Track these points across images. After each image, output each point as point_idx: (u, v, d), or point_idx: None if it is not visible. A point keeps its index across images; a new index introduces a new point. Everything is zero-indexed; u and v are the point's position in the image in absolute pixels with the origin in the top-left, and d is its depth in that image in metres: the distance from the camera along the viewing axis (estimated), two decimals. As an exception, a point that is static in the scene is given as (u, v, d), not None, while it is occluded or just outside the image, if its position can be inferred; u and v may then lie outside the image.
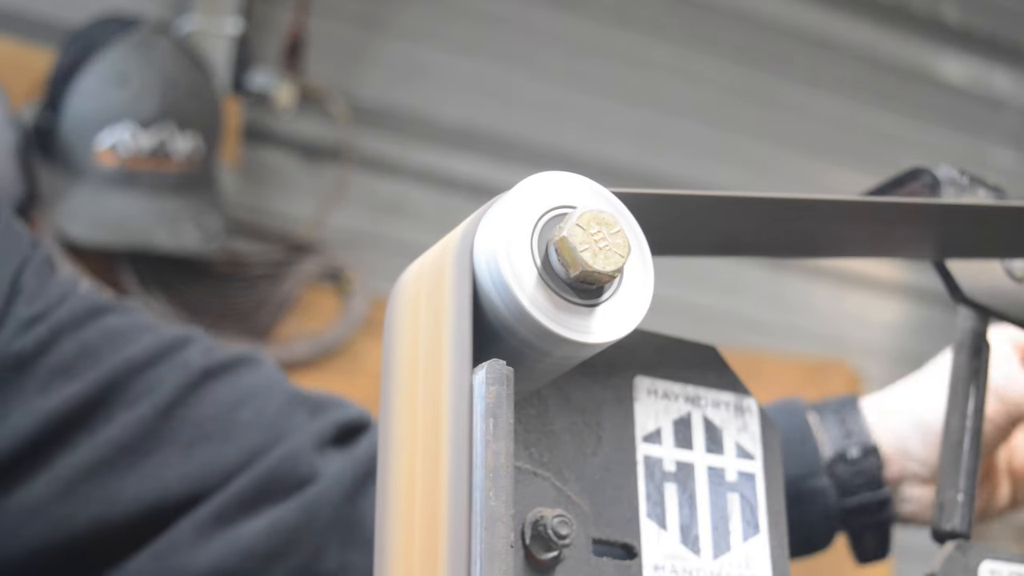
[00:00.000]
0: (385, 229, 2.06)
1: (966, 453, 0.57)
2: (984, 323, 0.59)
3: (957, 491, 0.56)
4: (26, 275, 0.72)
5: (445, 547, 0.36)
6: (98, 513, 0.69)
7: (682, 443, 0.46)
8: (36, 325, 0.70)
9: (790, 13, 2.44)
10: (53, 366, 0.70)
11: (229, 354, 0.75)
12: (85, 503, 0.68)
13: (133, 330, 0.73)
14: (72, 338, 0.71)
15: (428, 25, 2.13)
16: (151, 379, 0.71)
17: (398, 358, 0.41)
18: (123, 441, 0.69)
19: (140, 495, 0.69)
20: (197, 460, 0.71)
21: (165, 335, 0.74)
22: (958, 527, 0.55)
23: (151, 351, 0.72)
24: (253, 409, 0.73)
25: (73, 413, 0.69)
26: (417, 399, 0.39)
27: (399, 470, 0.40)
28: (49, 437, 0.69)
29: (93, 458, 0.69)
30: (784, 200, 0.47)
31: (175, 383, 0.71)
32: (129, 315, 0.75)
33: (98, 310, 0.73)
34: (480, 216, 0.39)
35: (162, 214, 1.65)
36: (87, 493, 0.69)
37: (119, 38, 1.65)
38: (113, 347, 0.72)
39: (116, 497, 0.69)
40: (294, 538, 0.70)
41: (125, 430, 0.70)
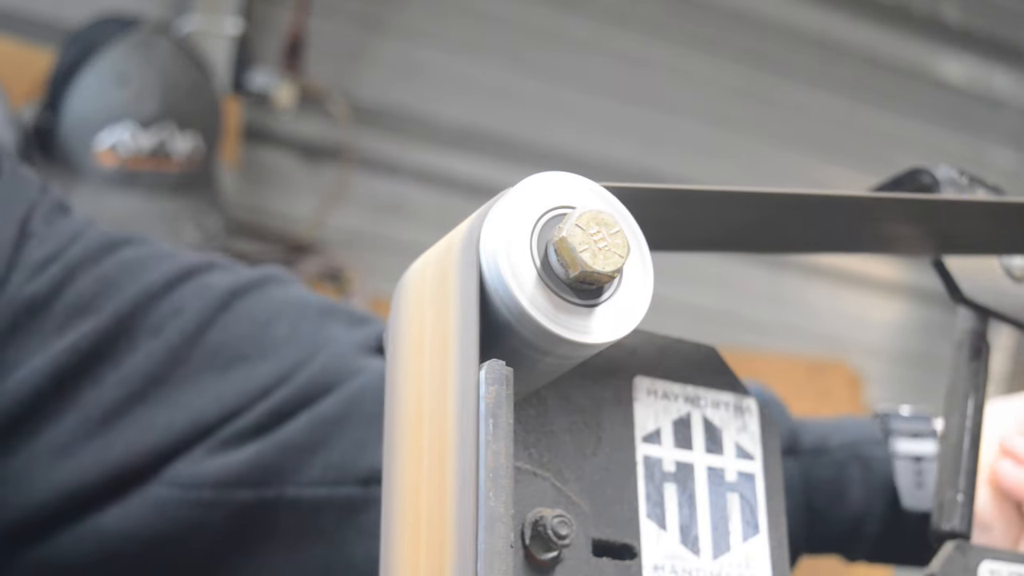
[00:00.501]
0: (385, 229, 2.06)
1: (966, 453, 0.57)
2: (984, 323, 0.59)
3: (957, 491, 0.56)
4: (35, 219, 0.69)
5: (452, 547, 0.36)
6: (132, 444, 0.66)
7: (682, 443, 0.46)
8: (49, 266, 0.67)
9: (790, 13, 2.44)
10: (70, 304, 0.67)
11: (254, 273, 0.72)
12: (118, 437, 0.66)
13: (151, 259, 0.70)
14: (88, 274, 0.68)
15: (428, 25, 2.13)
16: (174, 304, 0.68)
17: (403, 354, 0.41)
18: (151, 371, 0.66)
19: (173, 423, 0.66)
20: (233, 382, 0.67)
21: (184, 260, 0.71)
22: (957, 527, 0.55)
23: (171, 276, 0.69)
24: (287, 323, 0.70)
25: (94, 347, 0.66)
26: (423, 396, 0.39)
27: (404, 468, 0.40)
28: (71, 373, 0.66)
29: (122, 392, 0.66)
30: (783, 195, 0.47)
31: (200, 307, 0.68)
32: (146, 246, 0.72)
33: (114, 244, 0.70)
34: (486, 212, 0.39)
35: (162, 214, 1.65)
36: (120, 427, 0.66)
37: (119, 38, 1.65)
38: (131, 277, 0.69)
39: (149, 427, 0.66)
40: (335, 429, 0.67)
41: (151, 359, 0.67)
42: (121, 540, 0.66)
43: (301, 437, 0.67)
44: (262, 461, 0.66)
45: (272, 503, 0.67)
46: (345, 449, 0.67)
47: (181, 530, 0.66)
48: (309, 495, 0.67)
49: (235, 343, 0.68)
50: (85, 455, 0.65)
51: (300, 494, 0.67)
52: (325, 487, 0.67)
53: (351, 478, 0.67)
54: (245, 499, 0.66)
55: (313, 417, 0.67)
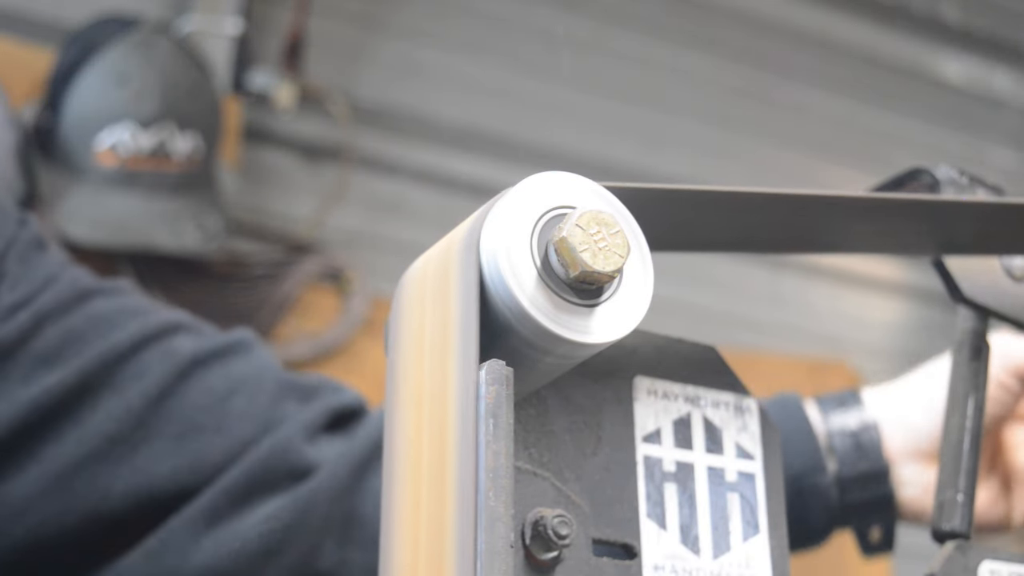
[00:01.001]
0: (385, 229, 2.06)
1: (966, 453, 0.56)
2: (984, 323, 0.59)
3: (957, 491, 0.55)
4: (10, 258, 0.69)
5: (452, 547, 0.36)
6: (89, 508, 0.67)
7: (682, 443, 0.46)
8: (18, 312, 0.68)
9: (790, 13, 2.44)
10: (36, 354, 0.68)
11: (219, 341, 0.73)
12: (76, 497, 0.67)
13: (119, 315, 0.71)
14: (56, 324, 0.69)
15: (428, 25, 2.13)
16: (139, 366, 0.69)
17: (403, 354, 0.41)
18: (112, 432, 0.67)
19: (130, 489, 0.67)
20: (188, 453, 0.69)
21: (152, 320, 0.71)
22: (958, 527, 0.55)
23: (137, 337, 0.70)
24: (244, 398, 0.71)
25: (58, 402, 0.67)
26: (423, 395, 0.39)
27: (404, 468, 0.40)
28: (34, 428, 0.67)
29: (82, 451, 0.67)
30: (783, 196, 0.47)
31: (163, 371, 0.69)
32: (117, 298, 0.72)
33: (84, 294, 0.71)
34: (486, 212, 0.39)
35: (162, 214, 1.65)
36: (78, 487, 0.67)
37: (119, 38, 1.65)
38: (98, 333, 0.69)
39: (107, 491, 0.67)
40: (289, 536, 0.68)
41: (113, 420, 0.68)
42: None
43: (256, 542, 0.68)
44: (219, 564, 0.67)
45: None
46: (299, 554, 0.68)
47: None
48: None
49: (192, 413, 0.70)
50: (45, 512, 0.66)
51: None
52: None
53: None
54: None
55: (268, 519, 0.68)
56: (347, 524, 0.69)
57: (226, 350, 0.73)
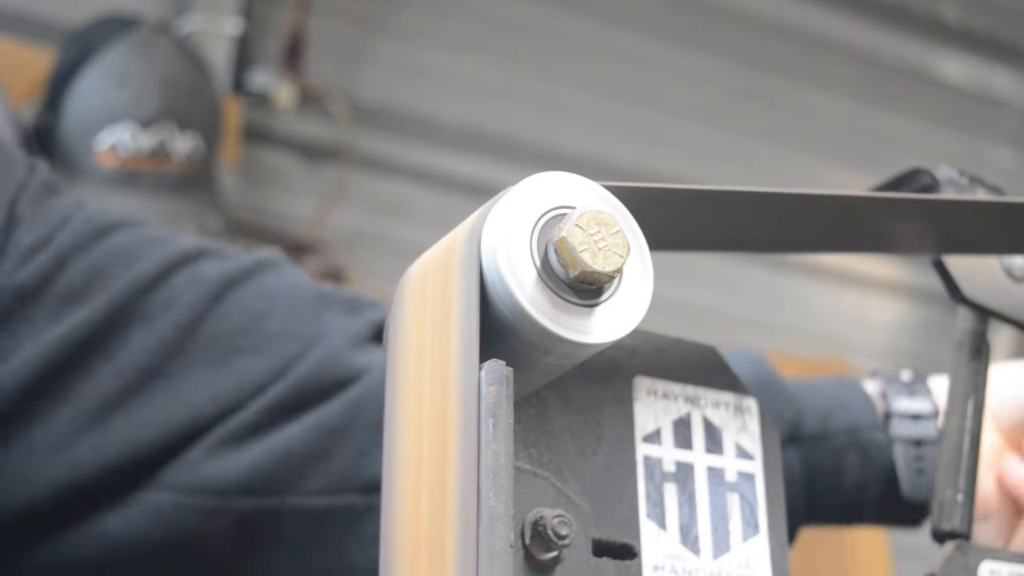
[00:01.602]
0: (385, 229, 2.06)
1: (966, 453, 0.57)
2: (984, 323, 0.59)
3: (957, 491, 0.55)
4: (23, 202, 0.67)
5: (453, 547, 0.36)
6: (128, 442, 0.65)
7: (682, 443, 0.46)
8: (38, 253, 0.66)
9: (790, 13, 2.44)
10: (60, 294, 0.65)
11: (247, 260, 0.70)
12: (114, 433, 0.64)
13: (142, 246, 0.68)
14: (78, 262, 0.66)
15: (428, 25, 2.13)
16: (166, 295, 0.67)
17: (404, 353, 0.41)
18: (145, 363, 0.65)
19: (170, 419, 0.65)
20: (228, 377, 0.66)
21: (176, 247, 0.69)
22: (958, 527, 0.55)
23: (162, 266, 0.68)
24: (281, 315, 0.68)
25: (86, 338, 0.65)
26: (423, 394, 0.39)
27: (405, 468, 0.40)
28: (64, 365, 0.64)
29: (117, 386, 0.65)
30: (783, 195, 0.47)
31: (193, 298, 0.67)
32: (137, 230, 0.70)
33: (104, 230, 0.69)
34: (487, 212, 0.39)
35: (162, 214, 1.65)
36: (115, 422, 0.64)
37: (119, 38, 1.65)
38: (122, 266, 0.67)
39: (146, 423, 0.65)
40: (337, 439, 0.66)
41: (145, 352, 0.65)
42: (121, 546, 0.66)
43: (303, 446, 0.66)
44: (262, 469, 0.65)
45: (273, 512, 0.66)
46: (347, 458, 0.66)
47: (182, 537, 0.66)
48: (311, 504, 0.66)
49: (229, 336, 0.67)
50: (81, 450, 0.65)
51: (302, 503, 0.66)
52: (327, 496, 0.66)
53: (353, 487, 0.66)
54: (246, 507, 0.66)
55: (314, 424, 0.66)
56: None
57: (256, 268, 0.70)
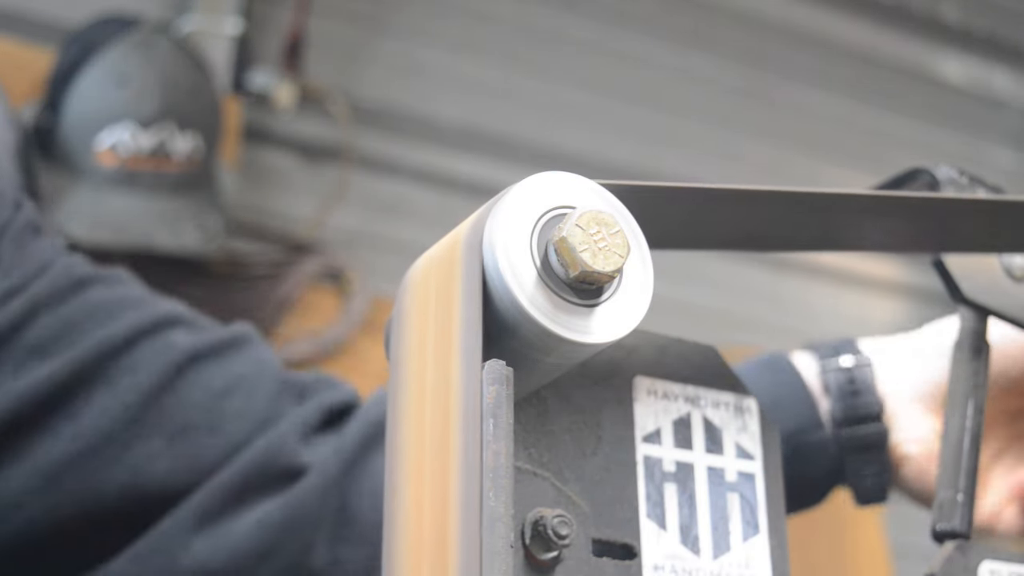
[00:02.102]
0: (385, 229, 2.06)
1: (966, 453, 0.56)
2: (984, 323, 0.59)
3: (957, 491, 0.55)
4: (4, 242, 0.67)
5: (455, 546, 0.36)
6: (81, 505, 0.65)
7: (682, 443, 0.46)
8: (12, 299, 0.66)
9: (790, 13, 2.44)
10: (30, 344, 0.65)
11: (217, 336, 0.71)
12: (68, 495, 0.65)
13: (117, 306, 0.69)
14: (51, 313, 0.66)
15: (428, 25, 2.13)
16: (134, 360, 0.67)
17: (407, 351, 0.41)
18: (105, 428, 0.65)
19: (124, 488, 0.66)
20: (183, 452, 0.67)
21: (149, 312, 0.69)
22: (958, 527, 0.55)
23: (133, 329, 0.68)
24: (241, 397, 0.69)
25: (50, 395, 0.65)
26: (426, 393, 0.39)
27: (407, 467, 0.40)
28: (25, 421, 0.65)
29: (75, 447, 0.65)
30: (783, 193, 0.47)
31: (159, 366, 0.67)
32: (115, 288, 0.70)
33: (81, 283, 0.69)
34: (488, 211, 0.39)
35: (162, 214, 1.65)
36: (70, 484, 0.65)
37: (119, 38, 1.65)
38: (94, 323, 0.67)
39: (100, 489, 0.65)
40: (282, 536, 0.67)
41: (107, 417, 0.66)
42: None
43: (247, 542, 0.67)
44: (211, 564, 0.66)
45: None
46: (291, 555, 0.67)
47: None
48: None
49: (188, 411, 0.68)
50: (36, 509, 0.65)
51: None
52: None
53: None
54: None
55: (261, 519, 0.67)
56: (339, 522, 0.68)
57: (224, 346, 0.71)
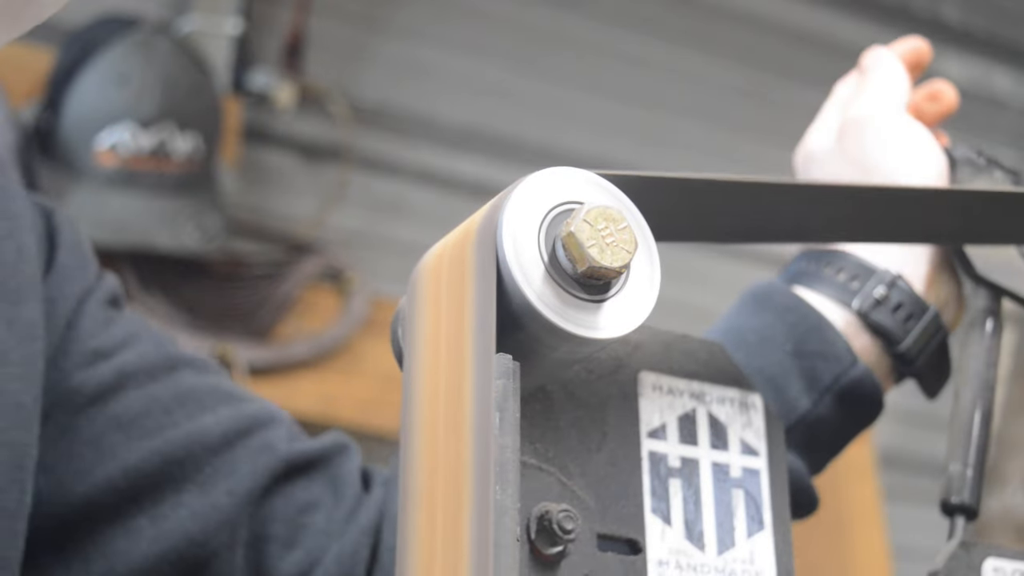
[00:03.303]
0: (385, 229, 2.06)
1: (976, 428, 0.57)
2: (997, 302, 0.59)
3: (967, 466, 0.56)
4: (91, 303, 0.63)
5: (466, 539, 0.36)
6: None
7: (687, 439, 0.46)
8: (99, 363, 0.62)
9: (791, 13, 2.44)
10: (114, 417, 0.62)
11: (314, 446, 0.67)
12: None
13: (209, 396, 0.65)
14: (141, 390, 0.63)
15: (428, 25, 2.13)
16: (230, 462, 0.63)
17: (420, 342, 0.41)
18: (193, 535, 0.61)
19: None
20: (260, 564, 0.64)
21: (246, 410, 0.66)
22: (967, 500, 0.55)
23: (231, 428, 0.64)
24: (323, 515, 0.66)
25: (132, 487, 0.61)
26: (440, 386, 0.39)
27: (420, 458, 0.40)
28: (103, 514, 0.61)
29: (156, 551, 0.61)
30: (790, 186, 0.47)
31: (257, 470, 0.64)
32: (207, 376, 0.66)
33: (173, 363, 0.65)
34: (497, 206, 0.39)
35: (162, 214, 1.65)
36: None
37: (119, 38, 1.65)
38: (185, 412, 0.63)
39: None
40: None
41: (198, 521, 0.62)
42: None
43: None
44: None
45: None
46: None
47: None
48: None
49: (274, 523, 0.64)
50: None
51: None
52: None
53: None
54: None
55: None
56: None
57: (318, 458, 0.67)
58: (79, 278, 0.64)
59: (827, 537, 1.80)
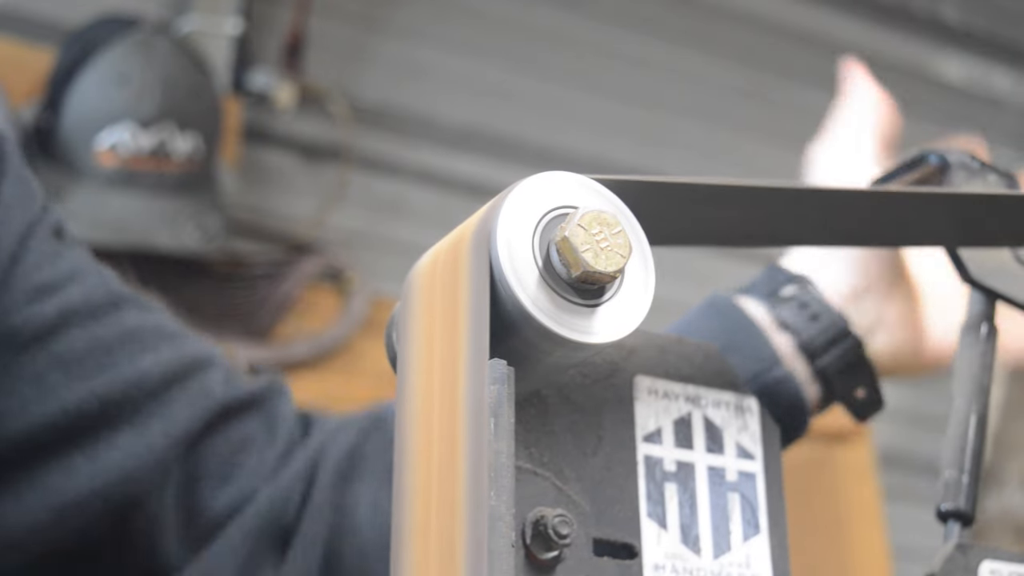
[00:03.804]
0: (385, 229, 2.06)
1: (972, 434, 0.57)
2: (992, 306, 0.59)
3: (962, 472, 0.56)
4: (34, 239, 0.63)
5: (462, 546, 0.36)
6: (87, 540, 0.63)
7: (682, 443, 0.46)
8: (43, 299, 0.62)
9: (790, 13, 2.44)
10: (57, 356, 0.62)
11: (251, 390, 0.69)
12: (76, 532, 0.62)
13: (152, 335, 0.66)
14: (84, 328, 0.63)
15: (428, 25, 2.13)
16: (168, 405, 0.64)
17: (414, 347, 0.41)
18: (128, 472, 0.62)
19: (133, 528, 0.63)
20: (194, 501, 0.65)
21: (185, 352, 0.67)
22: (963, 506, 0.55)
23: (171, 370, 0.65)
24: (256, 454, 0.67)
25: (71, 426, 0.62)
26: (434, 391, 0.39)
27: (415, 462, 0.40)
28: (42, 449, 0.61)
29: (91, 487, 0.62)
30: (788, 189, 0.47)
31: (193, 414, 0.65)
32: (150, 314, 0.67)
33: (117, 301, 0.65)
34: (492, 210, 0.39)
35: (162, 214, 1.65)
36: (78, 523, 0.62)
37: (119, 38, 1.65)
38: (128, 352, 0.64)
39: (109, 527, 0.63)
40: None
41: (132, 460, 0.62)
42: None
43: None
44: None
45: None
46: None
47: None
48: None
49: (208, 462, 0.66)
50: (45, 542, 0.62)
51: None
52: None
53: None
54: None
55: None
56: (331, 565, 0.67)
57: (254, 400, 0.69)
58: (24, 209, 0.64)
59: (827, 537, 1.80)
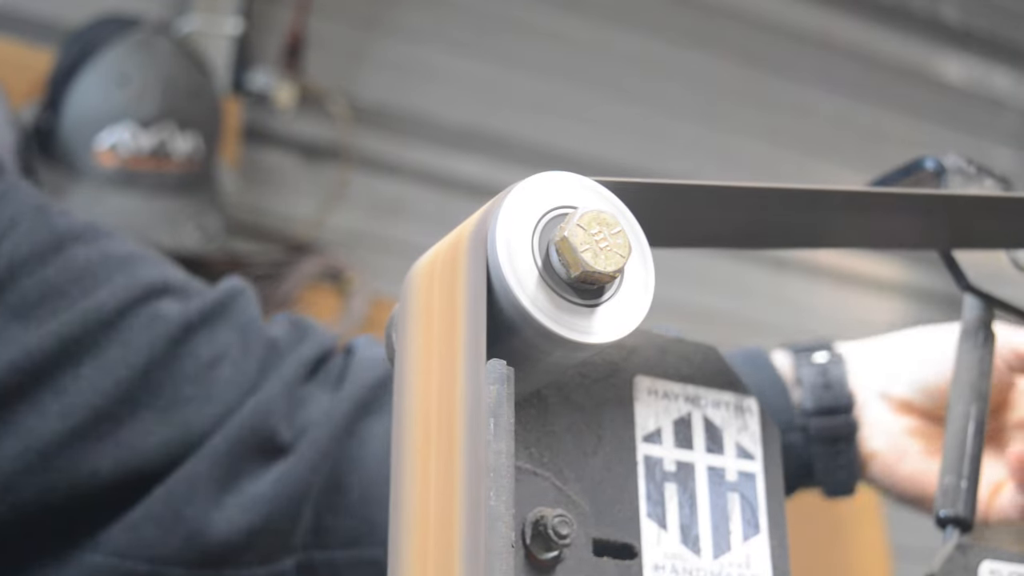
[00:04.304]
0: (385, 229, 2.06)
1: (970, 439, 0.57)
2: (989, 312, 0.59)
3: (960, 477, 0.56)
4: None
5: (459, 546, 0.36)
6: (75, 485, 0.63)
7: (682, 443, 0.46)
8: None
9: (790, 13, 2.44)
10: (9, 307, 0.62)
11: (207, 301, 0.69)
12: (60, 474, 0.62)
13: (102, 267, 0.66)
14: (32, 275, 0.63)
15: (429, 25, 2.13)
16: (124, 333, 0.64)
17: (412, 348, 0.41)
18: (97, 406, 0.63)
19: (118, 466, 0.63)
20: (175, 425, 0.65)
21: (139, 277, 0.67)
22: (961, 512, 0.55)
23: (123, 299, 0.65)
24: (230, 365, 0.67)
25: (35, 367, 0.62)
26: (432, 391, 0.39)
27: (412, 463, 0.40)
28: (10, 393, 0.62)
29: (65, 425, 0.62)
30: (786, 191, 0.47)
31: (152, 341, 0.65)
32: (97, 243, 0.67)
33: (62, 240, 0.65)
34: (490, 210, 0.39)
35: (162, 214, 1.65)
36: (62, 464, 0.62)
37: (119, 38, 1.65)
38: (80, 289, 0.64)
39: (94, 468, 0.63)
40: (273, 511, 0.66)
41: (98, 394, 0.63)
42: None
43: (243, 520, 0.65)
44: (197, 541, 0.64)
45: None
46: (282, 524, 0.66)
47: None
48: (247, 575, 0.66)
49: (179, 384, 0.66)
50: (25, 491, 0.62)
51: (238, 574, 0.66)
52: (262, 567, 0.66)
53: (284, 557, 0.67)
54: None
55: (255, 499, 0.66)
56: (327, 490, 0.67)
57: (213, 313, 0.68)
58: None
59: (827, 537, 1.80)
